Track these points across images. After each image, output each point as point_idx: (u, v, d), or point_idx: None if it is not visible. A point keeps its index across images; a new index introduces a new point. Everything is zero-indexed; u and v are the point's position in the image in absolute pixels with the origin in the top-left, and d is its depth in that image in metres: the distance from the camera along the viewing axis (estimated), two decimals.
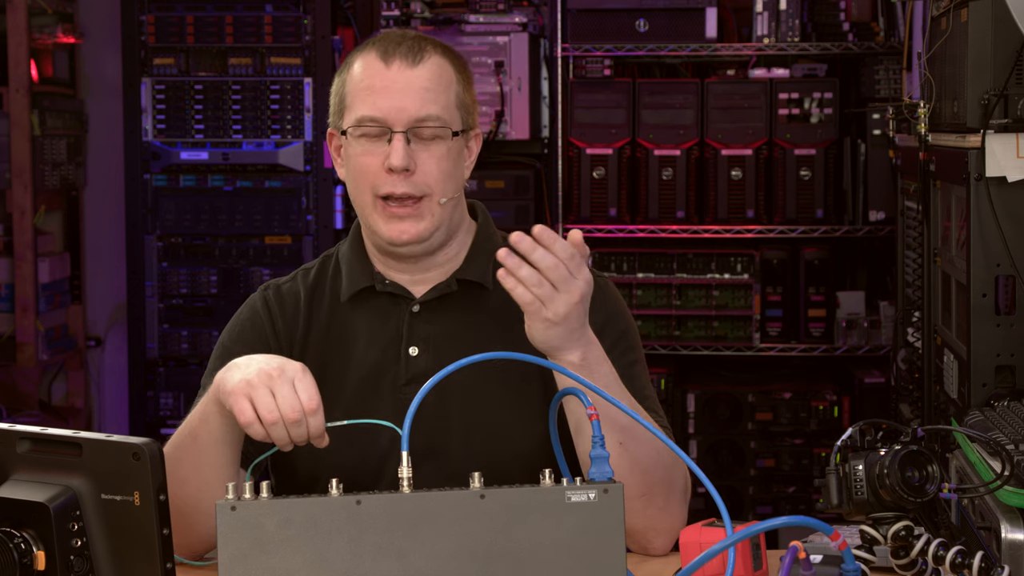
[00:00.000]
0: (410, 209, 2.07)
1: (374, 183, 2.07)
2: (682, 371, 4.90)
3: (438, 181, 2.07)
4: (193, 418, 1.99)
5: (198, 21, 4.87)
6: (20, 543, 1.53)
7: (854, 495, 1.70)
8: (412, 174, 2.06)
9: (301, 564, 1.57)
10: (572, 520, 1.59)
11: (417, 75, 2.07)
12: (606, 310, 2.13)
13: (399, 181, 2.05)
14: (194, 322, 4.91)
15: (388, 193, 2.06)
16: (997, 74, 2.78)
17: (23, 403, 4.80)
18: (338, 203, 4.89)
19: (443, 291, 2.14)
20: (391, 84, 2.07)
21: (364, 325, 2.14)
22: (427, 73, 2.08)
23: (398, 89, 2.06)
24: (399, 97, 2.06)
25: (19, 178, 4.78)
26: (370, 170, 2.07)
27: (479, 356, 1.73)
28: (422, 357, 2.11)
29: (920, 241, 3.52)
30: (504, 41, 4.81)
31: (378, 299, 2.15)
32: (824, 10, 4.75)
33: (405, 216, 2.07)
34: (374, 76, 2.08)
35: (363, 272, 2.16)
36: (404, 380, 2.10)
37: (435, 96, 2.08)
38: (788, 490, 4.72)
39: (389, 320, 2.14)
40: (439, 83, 2.09)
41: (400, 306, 2.14)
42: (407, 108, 2.06)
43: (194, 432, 1.97)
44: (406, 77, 2.07)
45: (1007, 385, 2.77)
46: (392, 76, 2.07)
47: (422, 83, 2.07)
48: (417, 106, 2.06)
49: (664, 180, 4.76)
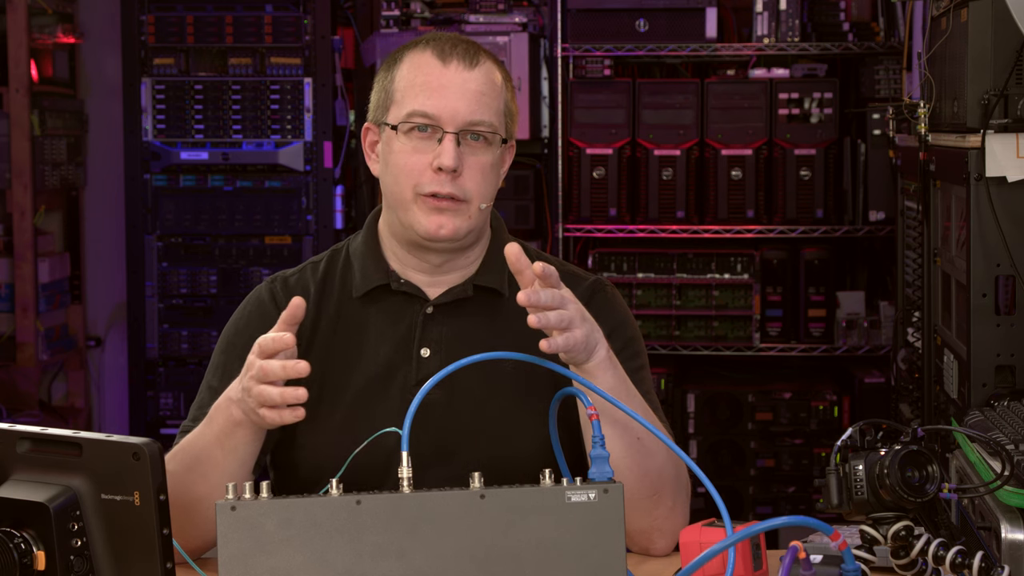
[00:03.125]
0: (451, 204, 2.05)
1: (418, 181, 2.05)
2: (682, 371, 4.90)
3: (480, 186, 2.07)
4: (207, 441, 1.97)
5: (198, 21, 4.87)
6: (20, 543, 1.53)
7: (854, 495, 1.70)
8: (458, 176, 2.05)
9: (301, 564, 1.57)
10: (572, 520, 1.60)
11: (474, 77, 2.07)
12: (614, 318, 2.13)
13: (445, 181, 2.04)
14: (194, 322, 4.91)
15: (433, 192, 2.05)
16: (997, 74, 2.78)
17: (23, 403, 4.79)
18: (338, 203, 4.89)
19: (458, 295, 2.13)
20: (448, 83, 2.05)
21: (376, 323, 2.13)
22: (483, 77, 2.08)
23: (454, 89, 2.05)
24: (455, 98, 2.05)
25: (19, 178, 4.78)
26: (416, 168, 2.05)
27: (483, 355, 1.73)
28: (433, 359, 2.10)
29: (920, 241, 3.52)
30: (504, 41, 4.81)
31: (392, 298, 2.14)
32: (824, 10, 4.75)
33: (445, 210, 2.05)
34: (430, 73, 2.06)
35: (378, 269, 2.14)
36: (415, 381, 2.09)
37: (489, 101, 2.07)
38: (788, 490, 4.72)
39: (402, 320, 2.12)
40: (493, 89, 2.09)
41: (414, 306, 2.13)
42: (461, 110, 2.05)
43: (211, 455, 1.96)
44: (463, 78, 2.06)
45: (1007, 385, 2.77)
46: (450, 76, 2.06)
47: (478, 86, 2.07)
48: (472, 109, 2.05)
49: (664, 180, 4.76)
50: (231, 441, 1.94)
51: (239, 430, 1.94)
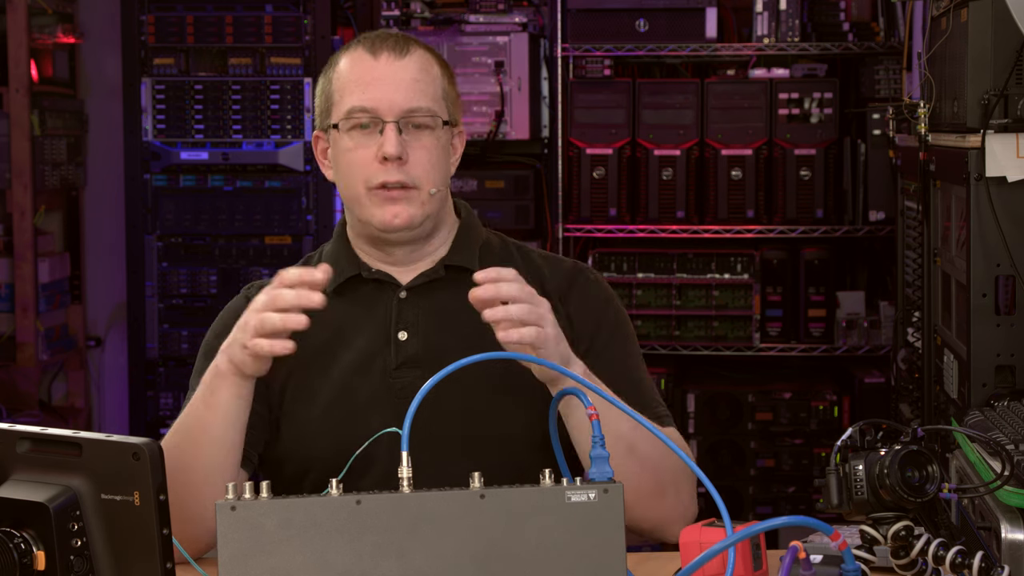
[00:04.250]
0: (402, 192, 2.10)
1: (367, 175, 2.10)
2: (682, 371, 4.90)
3: (427, 171, 2.11)
4: (195, 406, 2.01)
5: (198, 21, 4.87)
6: (20, 543, 1.53)
7: (854, 495, 1.70)
8: (404, 163, 2.09)
9: (301, 564, 1.57)
10: (572, 520, 1.59)
11: (405, 66, 2.11)
12: (599, 300, 2.18)
13: (392, 170, 2.09)
14: (194, 322, 4.90)
15: (382, 183, 2.09)
16: (997, 74, 2.78)
17: (23, 403, 4.79)
18: (338, 203, 4.88)
19: (430, 277, 2.17)
20: (381, 76, 2.10)
21: (352, 313, 2.17)
22: (414, 65, 2.12)
23: (388, 80, 2.10)
24: (389, 88, 2.10)
25: (19, 178, 4.78)
26: (362, 162, 2.10)
27: (482, 355, 1.73)
28: (411, 341, 2.14)
29: (920, 241, 3.52)
30: (504, 41, 4.81)
31: (365, 287, 2.18)
32: (824, 10, 4.75)
33: (398, 199, 2.10)
34: (363, 69, 2.11)
35: (350, 263, 2.19)
36: (395, 364, 2.13)
37: (424, 87, 2.12)
38: (788, 490, 4.72)
39: (377, 306, 2.16)
40: (426, 75, 2.13)
41: (387, 293, 2.17)
42: (397, 99, 2.09)
43: (199, 417, 1.99)
44: (394, 68, 2.11)
45: (1007, 385, 2.77)
46: (381, 68, 2.11)
47: (411, 74, 2.11)
48: (407, 97, 2.10)
49: (664, 180, 4.76)
50: (216, 397, 1.99)
51: (223, 383, 1.98)
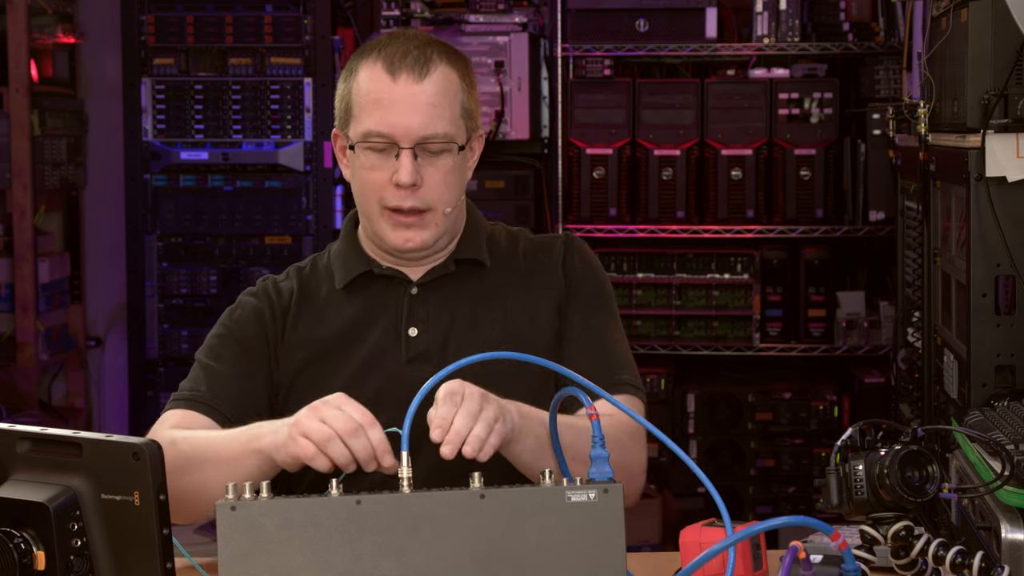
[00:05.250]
0: (416, 218, 2.10)
1: (381, 195, 2.10)
2: (682, 371, 4.90)
3: (443, 194, 2.10)
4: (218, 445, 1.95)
5: (198, 21, 4.86)
6: (20, 543, 1.53)
7: (854, 495, 1.70)
8: (419, 188, 2.09)
9: (301, 564, 1.57)
10: (572, 520, 1.60)
11: (424, 90, 2.08)
12: (587, 265, 2.21)
13: (406, 195, 2.08)
14: (194, 322, 4.91)
15: (396, 207, 2.09)
16: (997, 74, 2.78)
17: (23, 403, 4.79)
18: (338, 203, 4.88)
19: (441, 272, 2.18)
20: (398, 100, 2.07)
21: (362, 309, 2.17)
22: (433, 88, 2.08)
23: (405, 105, 2.07)
24: (406, 114, 2.07)
25: (19, 178, 4.77)
26: (378, 183, 2.09)
27: (478, 356, 1.73)
28: (422, 337, 2.14)
29: (920, 241, 3.52)
30: (504, 41, 4.81)
31: (375, 283, 2.18)
32: (824, 10, 4.75)
33: (411, 224, 2.10)
34: (381, 91, 2.08)
35: (360, 260, 2.19)
36: (406, 359, 2.14)
37: (441, 112, 2.08)
38: (788, 490, 4.72)
39: (388, 303, 2.17)
40: (445, 97, 2.09)
41: (398, 289, 2.18)
42: (414, 126, 2.07)
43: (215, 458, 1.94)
44: (412, 92, 2.07)
45: (1007, 385, 2.77)
46: (399, 91, 2.07)
47: (428, 99, 2.08)
48: (424, 123, 2.07)
49: (664, 180, 4.76)
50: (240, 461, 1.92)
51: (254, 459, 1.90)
